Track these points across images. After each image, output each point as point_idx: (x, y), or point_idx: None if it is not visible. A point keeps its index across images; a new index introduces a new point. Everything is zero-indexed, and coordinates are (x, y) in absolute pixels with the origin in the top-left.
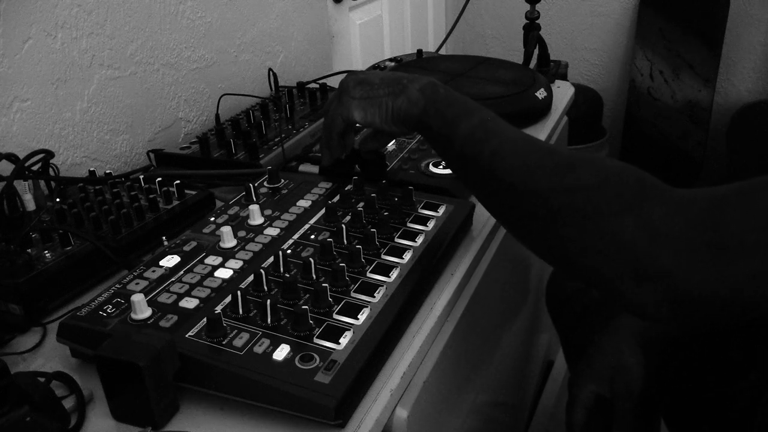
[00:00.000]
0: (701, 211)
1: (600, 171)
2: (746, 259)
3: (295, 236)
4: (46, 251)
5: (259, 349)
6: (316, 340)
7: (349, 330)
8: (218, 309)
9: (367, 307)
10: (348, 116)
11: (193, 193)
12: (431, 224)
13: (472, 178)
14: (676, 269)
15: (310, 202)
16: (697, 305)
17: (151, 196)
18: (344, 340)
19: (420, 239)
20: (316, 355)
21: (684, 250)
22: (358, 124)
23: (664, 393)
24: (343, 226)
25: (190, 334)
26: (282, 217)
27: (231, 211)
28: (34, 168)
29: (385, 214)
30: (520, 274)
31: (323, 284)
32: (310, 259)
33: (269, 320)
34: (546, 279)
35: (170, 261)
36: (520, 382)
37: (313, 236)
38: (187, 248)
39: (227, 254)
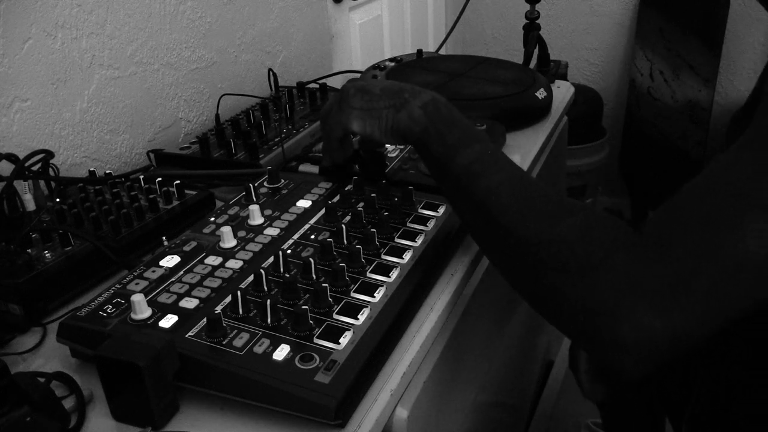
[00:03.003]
0: (651, 252)
1: (582, 224)
2: (698, 280)
3: (295, 236)
4: (46, 251)
5: (259, 349)
6: (316, 340)
7: (349, 330)
8: (218, 309)
9: (367, 307)
10: (347, 126)
11: (193, 193)
12: (431, 224)
13: (463, 209)
14: (648, 327)
15: (310, 202)
16: (672, 349)
17: (151, 196)
18: (344, 340)
19: (420, 239)
20: (316, 355)
21: (650, 300)
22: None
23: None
24: (343, 226)
25: (190, 334)
26: (282, 217)
27: (231, 211)
28: (34, 168)
29: (385, 214)
30: None
31: (323, 284)
32: (310, 259)
33: (269, 320)
34: None
35: (170, 261)
36: (520, 382)
37: (313, 236)
38: (187, 248)
39: (227, 254)
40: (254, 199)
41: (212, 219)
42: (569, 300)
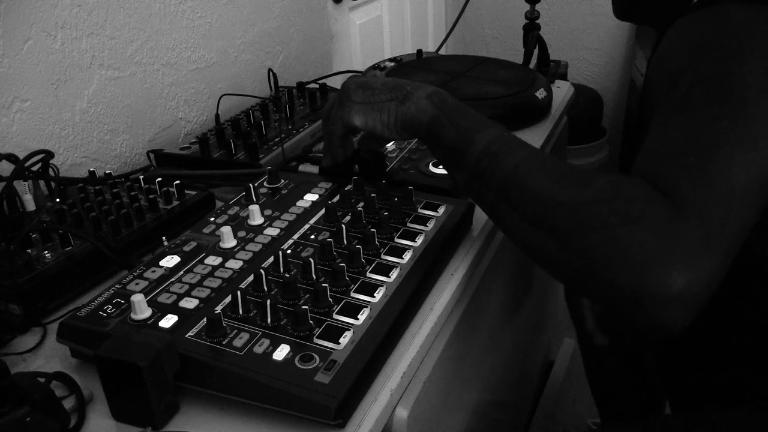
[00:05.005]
0: (677, 203)
1: (612, 183)
2: (715, 217)
3: (295, 236)
4: (46, 251)
5: (259, 349)
6: (316, 340)
7: (349, 330)
8: (218, 309)
9: (367, 307)
10: (348, 120)
11: (193, 193)
12: (431, 224)
13: (484, 192)
14: (695, 273)
15: (310, 202)
16: (711, 291)
17: (151, 196)
18: (344, 340)
19: (420, 239)
20: (316, 355)
21: (691, 246)
22: (358, 129)
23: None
24: (343, 226)
25: (190, 334)
26: (282, 217)
27: (231, 212)
28: (34, 168)
29: (385, 214)
30: (520, 274)
31: (323, 284)
32: (310, 259)
33: (269, 320)
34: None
35: (170, 261)
36: (520, 382)
37: (313, 236)
38: (187, 248)
39: (227, 254)
40: (254, 199)
41: (212, 219)
42: (612, 256)
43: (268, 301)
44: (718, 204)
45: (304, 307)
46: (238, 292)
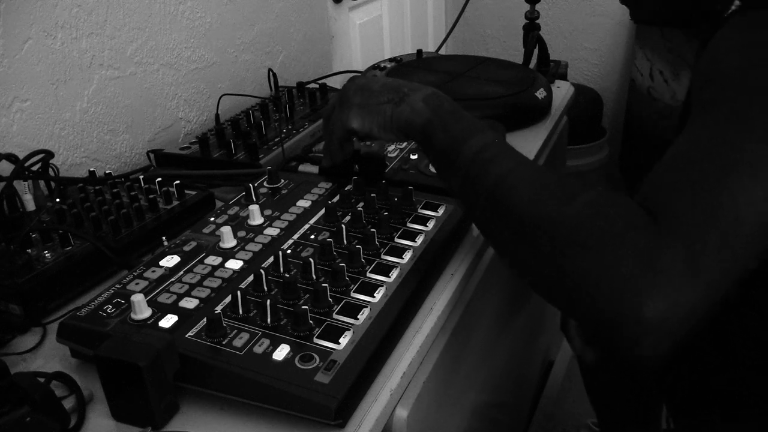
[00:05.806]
0: (662, 228)
1: (596, 201)
2: (706, 248)
3: (295, 236)
4: (46, 251)
5: (259, 349)
6: (316, 340)
7: (349, 330)
8: (218, 309)
9: (367, 307)
10: (347, 123)
11: (193, 193)
12: (431, 224)
13: (471, 198)
14: (672, 301)
15: (310, 202)
16: (689, 323)
17: (150, 196)
18: (344, 340)
19: (420, 239)
20: (315, 355)
21: (670, 274)
22: (357, 132)
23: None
24: (343, 226)
25: (190, 334)
26: (282, 217)
27: (231, 212)
28: (34, 168)
29: (385, 214)
30: None
31: (323, 284)
32: (310, 259)
33: (269, 320)
34: None
35: (170, 261)
36: (520, 382)
37: (312, 236)
38: (187, 248)
39: (227, 254)
40: (254, 199)
41: (212, 219)
42: (588, 277)
43: (268, 301)
44: (716, 227)
45: (304, 307)
46: (238, 292)
